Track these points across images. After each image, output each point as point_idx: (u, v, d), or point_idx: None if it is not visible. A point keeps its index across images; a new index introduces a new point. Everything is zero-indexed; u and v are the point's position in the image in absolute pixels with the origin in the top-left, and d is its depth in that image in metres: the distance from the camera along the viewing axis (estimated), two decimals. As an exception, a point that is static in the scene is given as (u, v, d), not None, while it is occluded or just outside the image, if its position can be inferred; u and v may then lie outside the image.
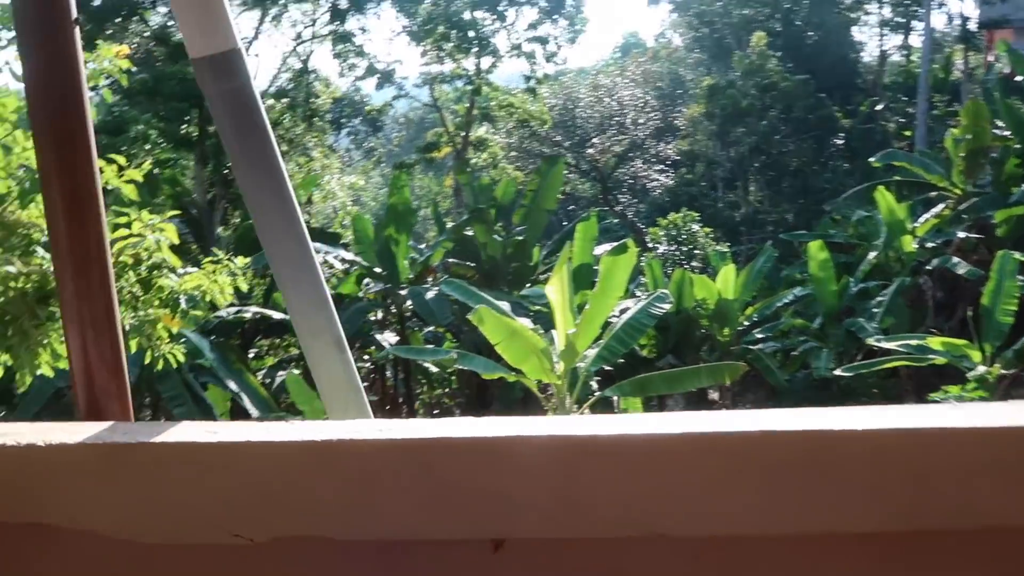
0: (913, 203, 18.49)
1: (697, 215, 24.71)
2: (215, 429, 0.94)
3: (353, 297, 17.32)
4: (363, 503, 0.89)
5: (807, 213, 27.68)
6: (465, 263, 18.75)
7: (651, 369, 14.74)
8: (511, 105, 29.01)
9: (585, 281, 14.40)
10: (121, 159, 3.83)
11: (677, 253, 23.49)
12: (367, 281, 17.84)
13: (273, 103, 22.50)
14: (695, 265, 22.60)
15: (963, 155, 18.63)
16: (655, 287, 17.05)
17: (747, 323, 18.58)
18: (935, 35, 29.73)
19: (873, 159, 20.79)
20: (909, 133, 28.42)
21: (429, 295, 16.00)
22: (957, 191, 18.98)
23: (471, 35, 27.26)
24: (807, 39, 33.15)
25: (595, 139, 33.76)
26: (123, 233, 3.84)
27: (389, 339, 17.41)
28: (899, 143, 27.45)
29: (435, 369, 18.21)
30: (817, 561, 0.88)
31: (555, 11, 29.24)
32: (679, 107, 35.21)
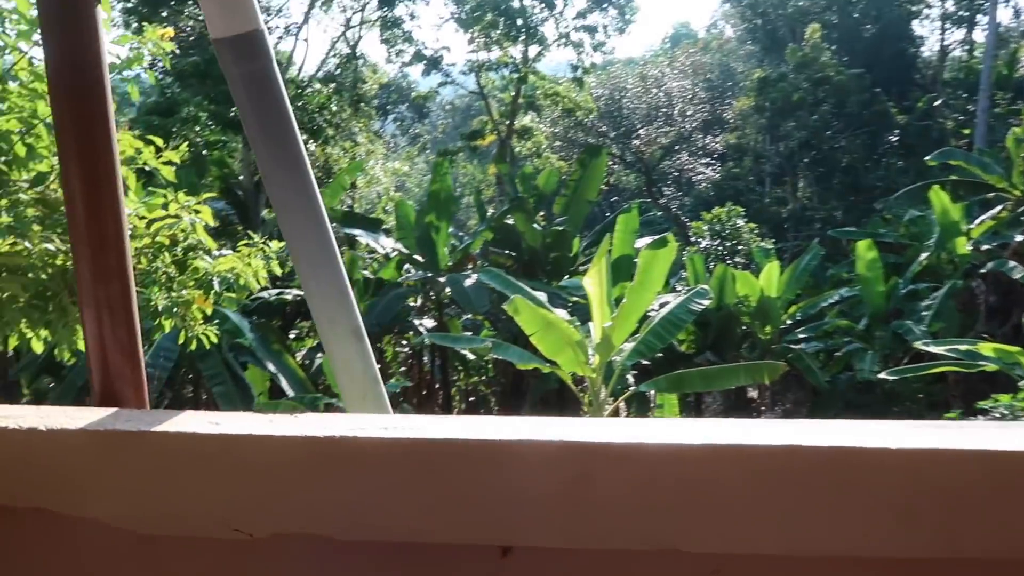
0: (969, 204, 17.96)
1: (742, 210, 24.30)
2: (218, 420, 0.92)
3: (393, 283, 17.44)
4: (366, 503, 0.87)
5: (857, 211, 27.08)
6: (505, 252, 18.73)
7: (689, 365, 14.59)
8: (557, 94, 28.86)
9: (624, 274, 14.26)
10: (159, 140, 3.87)
11: (720, 248, 23.17)
12: (407, 267, 17.94)
13: (320, 87, 22.72)
14: (738, 261, 22.28)
15: (1025, 155, 18.01)
16: (696, 282, 16.84)
17: (790, 322, 18.28)
18: (1000, 30, 28.72)
19: (929, 157, 20.17)
20: (968, 131, 27.58)
21: (467, 283, 16.02)
22: (1016, 193, 18.35)
23: (519, 23, 27.15)
24: (864, 32, 32.29)
25: (641, 130, 33.45)
26: (160, 214, 3.89)
27: (427, 325, 17.50)
28: (957, 142, 26.67)
29: (472, 356, 18.26)
30: (842, 586, 0.83)
31: (605, 0, 28.95)
32: (728, 99, 34.69)
